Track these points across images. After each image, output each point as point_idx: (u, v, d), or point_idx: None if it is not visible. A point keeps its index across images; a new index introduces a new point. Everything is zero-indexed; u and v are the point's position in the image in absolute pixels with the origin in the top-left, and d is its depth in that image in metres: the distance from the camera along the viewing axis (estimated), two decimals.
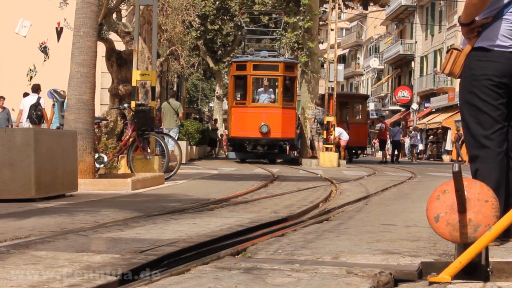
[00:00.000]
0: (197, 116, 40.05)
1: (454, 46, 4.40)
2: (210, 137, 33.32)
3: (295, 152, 30.05)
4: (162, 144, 12.58)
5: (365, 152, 48.56)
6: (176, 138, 19.61)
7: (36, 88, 18.10)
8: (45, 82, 21.30)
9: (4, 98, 19.30)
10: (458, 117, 40.08)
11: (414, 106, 52.32)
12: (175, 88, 33.59)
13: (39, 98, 17.77)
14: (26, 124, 17.59)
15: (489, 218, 3.45)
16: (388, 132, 35.16)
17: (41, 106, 17.66)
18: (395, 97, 56.50)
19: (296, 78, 25.32)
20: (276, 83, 24.62)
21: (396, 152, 34.57)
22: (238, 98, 25.61)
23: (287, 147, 27.48)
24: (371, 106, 63.01)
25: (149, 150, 12.29)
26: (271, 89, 24.70)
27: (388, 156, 34.21)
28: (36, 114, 17.55)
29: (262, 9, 30.36)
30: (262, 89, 24.61)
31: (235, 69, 24.94)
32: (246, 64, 24.36)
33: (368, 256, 4.13)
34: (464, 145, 30.75)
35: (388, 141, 36.31)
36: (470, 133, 4.26)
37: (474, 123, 4.23)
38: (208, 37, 34.46)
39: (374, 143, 55.23)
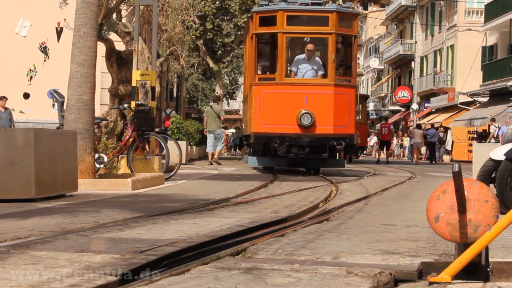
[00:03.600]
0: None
1: None
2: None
3: (349, 157, 23.87)
4: (163, 144, 12.60)
5: (368, 152, 48.48)
6: (221, 139, 22.19)
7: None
8: (45, 82, 21.35)
9: (6, 98, 19.31)
10: (458, 117, 40.10)
11: (414, 106, 52.28)
12: (175, 88, 33.59)
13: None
14: None
15: (489, 218, 3.45)
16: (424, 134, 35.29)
17: None
18: (395, 97, 56.46)
19: (356, 38, 16.09)
20: (325, 46, 15.55)
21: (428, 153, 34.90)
22: (263, 72, 17.40)
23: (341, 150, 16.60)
24: (371, 106, 63.00)
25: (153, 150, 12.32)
26: (316, 57, 15.77)
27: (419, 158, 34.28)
28: None
29: None
30: (302, 55, 15.54)
31: (258, 25, 15.59)
32: (276, 16, 15.11)
33: (368, 256, 4.13)
34: (414, 148, 31.22)
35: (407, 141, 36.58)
36: None
37: None
38: (208, 37, 34.41)
39: (374, 144, 54.89)
